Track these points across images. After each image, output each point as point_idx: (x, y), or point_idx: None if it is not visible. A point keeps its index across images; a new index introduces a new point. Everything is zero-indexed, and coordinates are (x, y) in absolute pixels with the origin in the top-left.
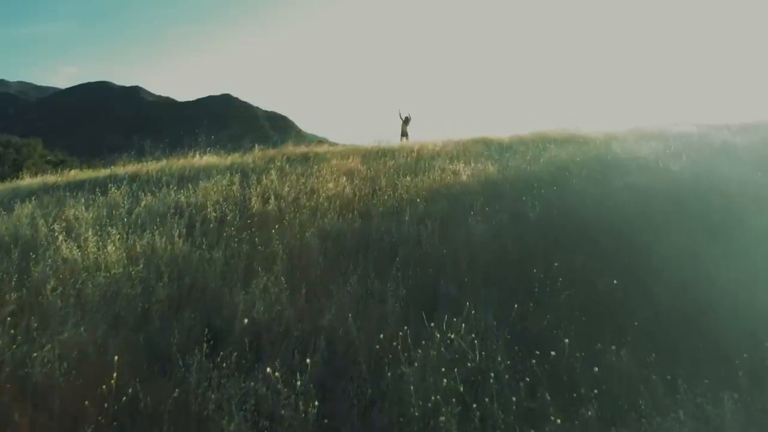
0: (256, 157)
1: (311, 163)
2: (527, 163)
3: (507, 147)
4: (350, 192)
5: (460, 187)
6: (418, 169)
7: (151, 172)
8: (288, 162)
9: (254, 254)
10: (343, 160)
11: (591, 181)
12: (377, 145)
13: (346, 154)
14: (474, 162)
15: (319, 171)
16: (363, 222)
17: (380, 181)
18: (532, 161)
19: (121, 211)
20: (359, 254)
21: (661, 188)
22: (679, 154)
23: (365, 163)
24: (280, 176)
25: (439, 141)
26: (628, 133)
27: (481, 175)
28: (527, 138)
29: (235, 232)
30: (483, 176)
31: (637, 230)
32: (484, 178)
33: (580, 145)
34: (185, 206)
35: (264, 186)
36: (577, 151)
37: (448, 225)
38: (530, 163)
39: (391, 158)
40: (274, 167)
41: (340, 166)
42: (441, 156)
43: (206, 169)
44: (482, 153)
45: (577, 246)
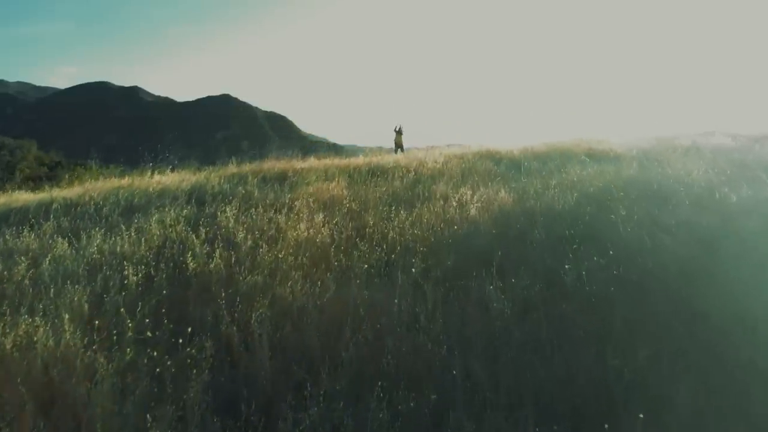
0: (226, 175)
1: (288, 185)
2: (551, 190)
3: (519, 163)
4: (327, 236)
5: (469, 226)
6: (415, 197)
7: (96, 199)
8: (261, 183)
9: (163, 363)
10: (326, 183)
11: (643, 225)
12: (369, 160)
13: (331, 173)
14: (483, 185)
15: (294, 199)
16: (338, 290)
17: (367, 216)
18: (558, 188)
19: (20, 267)
20: (325, 357)
21: (733, 235)
22: (735, 180)
23: (352, 186)
24: (244, 208)
25: (439, 155)
26: (658, 146)
27: (495, 207)
28: (540, 151)
29: (149, 320)
30: (497, 209)
31: (734, 312)
32: (499, 212)
33: (607, 163)
34: (104, 261)
35: (218, 225)
36: (608, 172)
37: (456, 295)
38: (554, 190)
39: (383, 179)
40: (239, 196)
41: (321, 193)
42: (443, 176)
43: (162, 193)
44: (491, 171)
45: (650, 340)
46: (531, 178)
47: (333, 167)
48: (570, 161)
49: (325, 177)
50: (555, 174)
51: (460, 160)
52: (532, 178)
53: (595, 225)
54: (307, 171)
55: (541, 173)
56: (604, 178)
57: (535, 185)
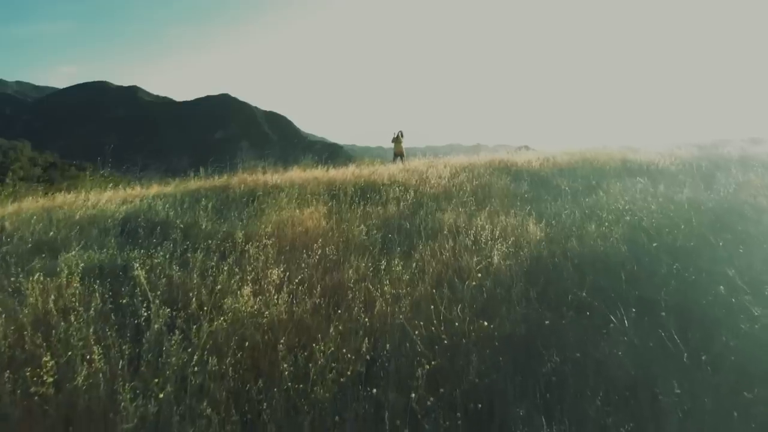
0: (185, 192)
1: (253, 210)
2: (596, 222)
3: (542, 179)
4: (282, 308)
5: (493, 285)
6: (415, 230)
7: (9, 229)
8: (221, 205)
9: None
10: (303, 209)
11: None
12: (361, 173)
13: (313, 191)
14: (502, 211)
15: (252, 235)
16: None
17: (347, 270)
18: (604, 218)
19: None
20: None
21: None
22: None
23: (333, 215)
24: (181, 250)
25: (444, 167)
26: (703, 156)
27: (524, 249)
28: (565, 162)
29: None
30: (528, 254)
31: None
32: (531, 259)
33: (652, 179)
34: None
35: (128, 282)
36: (664, 195)
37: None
38: (603, 225)
39: (375, 201)
40: (183, 227)
41: (291, 225)
42: (451, 197)
43: (93, 221)
44: (509, 190)
45: None
46: (562, 201)
47: (315, 183)
48: (605, 176)
49: (303, 199)
50: (591, 194)
51: (470, 175)
52: (564, 201)
53: (688, 293)
54: (283, 186)
55: (574, 193)
56: (664, 204)
57: (571, 213)
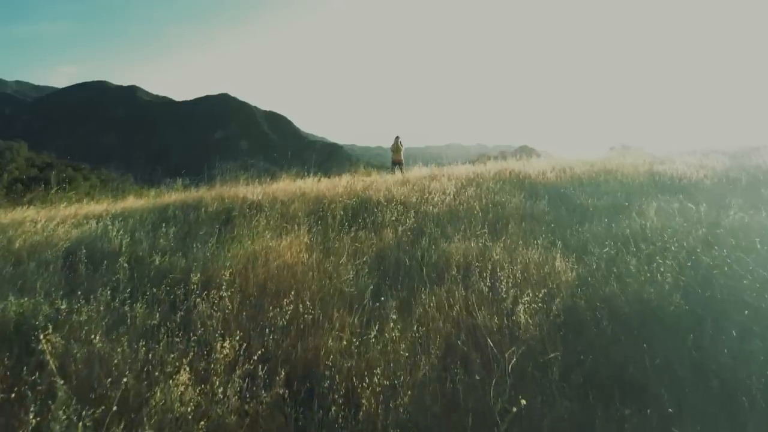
0: (147, 211)
1: (223, 239)
2: (631, 253)
3: (558, 194)
4: (231, 405)
5: (521, 359)
6: (416, 268)
7: None
8: (188, 228)
9: None
10: (282, 236)
11: None
12: (355, 187)
13: (296, 212)
14: (521, 240)
15: (211, 278)
16: None
17: (327, 333)
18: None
19: None
20: None
21: None
22: None
23: (318, 245)
24: (119, 301)
25: (448, 180)
26: (739, 168)
27: (555, 299)
28: (583, 174)
29: None
30: (559, 306)
31: None
32: (562, 308)
33: (689, 197)
34: None
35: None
36: (708, 219)
37: None
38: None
39: (370, 224)
40: (130, 263)
41: (266, 258)
42: (458, 219)
43: (34, 250)
44: (523, 209)
45: None
46: (589, 224)
47: (301, 200)
48: (633, 192)
49: (284, 221)
50: (622, 216)
51: (478, 190)
52: (591, 224)
53: None
54: (264, 206)
55: (601, 214)
56: (713, 231)
57: (604, 243)
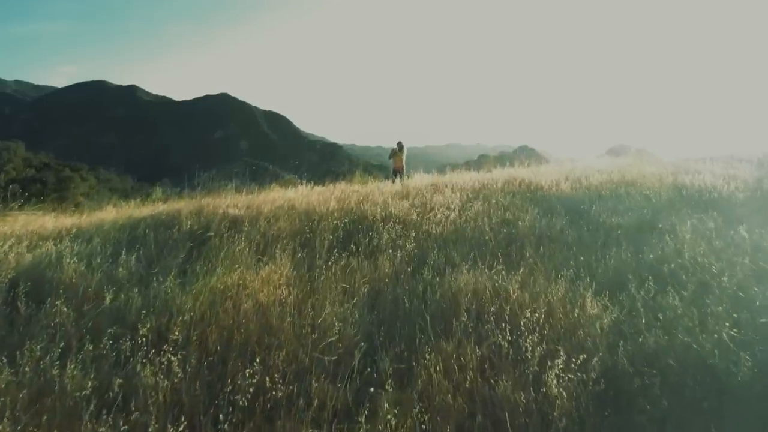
0: (117, 228)
1: (194, 269)
2: (671, 290)
3: (575, 209)
4: None
5: None
6: (416, 311)
7: None
8: (155, 255)
9: None
10: (262, 265)
11: None
12: (349, 201)
13: (281, 232)
14: (541, 271)
15: (179, 315)
16: None
17: (301, 411)
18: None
19: None
20: None
21: None
22: None
23: (301, 279)
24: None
25: (452, 192)
26: None
27: (591, 359)
28: (597, 184)
29: None
30: (597, 368)
31: None
32: (600, 371)
33: (718, 213)
34: None
35: None
36: (752, 244)
37: None
38: (670, 286)
39: (365, 248)
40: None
41: (238, 297)
42: (464, 240)
43: None
44: (538, 228)
45: None
46: (617, 249)
47: (288, 216)
48: (660, 208)
49: (267, 243)
50: (651, 237)
51: (487, 205)
52: (618, 248)
53: None
54: (245, 223)
55: (628, 235)
56: (761, 260)
57: (637, 274)
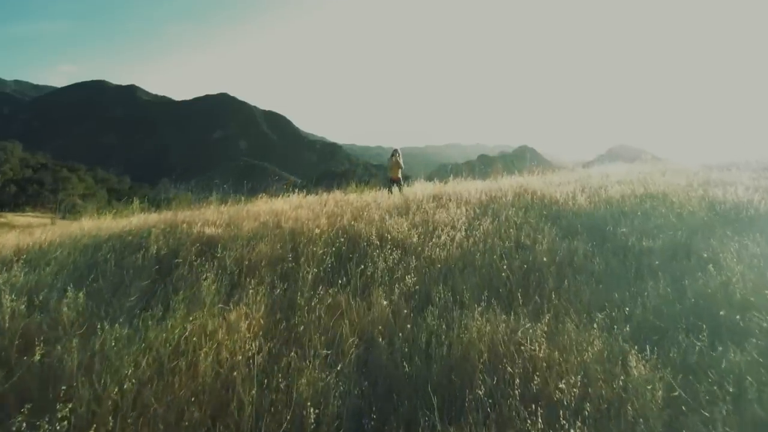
0: (77, 251)
1: (152, 312)
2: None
3: (597, 228)
4: None
5: None
6: (418, 372)
7: None
8: (111, 288)
9: None
10: (230, 311)
11: None
12: (341, 216)
13: (260, 257)
14: (565, 310)
15: (112, 387)
16: None
17: None
18: None
19: None
20: None
21: None
22: None
23: (276, 327)
24: None
25: (457, 207)
26: None
27: None
28: (618, 197)
29: None
30: None
31: None
32: None
33: (760, 234)
34: None
35: None
36: None
37: None
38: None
39: (357, 278)
40: None
41: (195, 357)
42: (474, 269)
43: None
44: (558, 253)
45: None
46: (653, 282)
47: (271, 236)
48: (694, 227)
49: (241, 276)
50: (688, 264)
51: (497, 222)
52: (656, 282)
53: None
54: (222, 245)
55: (662, 260)
56: None
57: (683, 318)
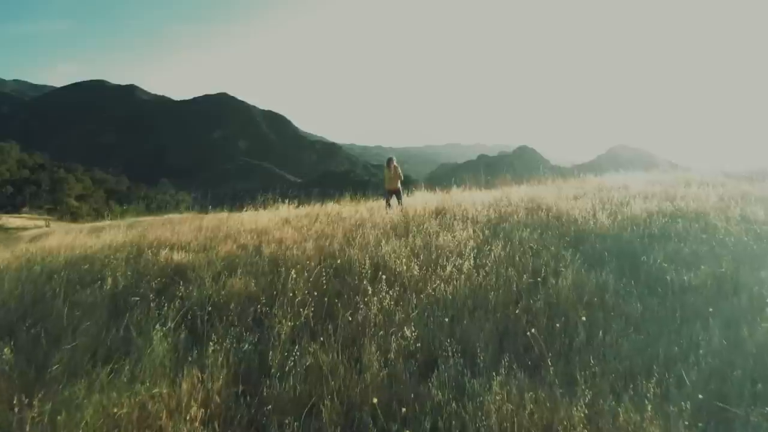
0: (20, 284)
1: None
2: None
3: (624, 254)
4: None
5: None
6: None
7: None
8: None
9: None
10: (179, 381)
11: None
12: (330, 240)
13: (231, 296)
14: (605, 379)
15: None
16: None
17: None
18: None
19: None
20: None
21: None
22: None
23: (238, 403)
24: None
25: (463, 228)
26: None
27: None
28: (643, 215)
29: None
30: None
31: None
32: None
33: None
34: None
35: None
36: None
37: None
38: None
39: (345, 324)
40: None
41: None
42: (486, 311)
43: None
44: (585, 288)
45: None
46: (703, 330)
47: (249, 264)
48: (737, 255)
49: (204, 323)
50: (743, 302)
51: (508, 245)
52: (706, 330)
53: None
54: (194, 274)
55: (710, 305)
56: None
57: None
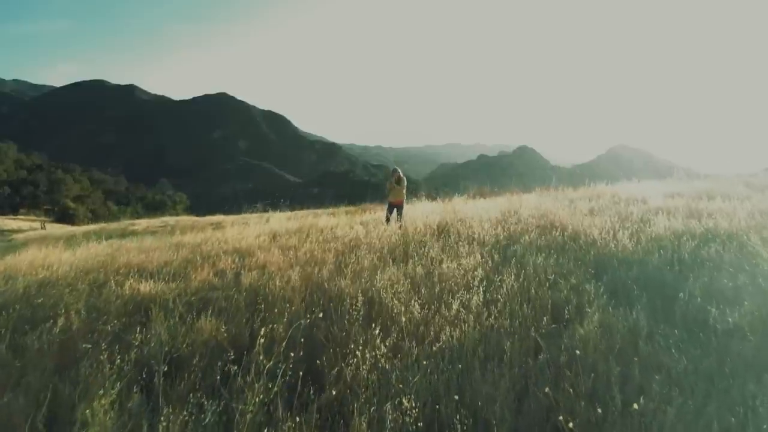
0: None
1: None
2: None
3: (653, 284)
4: None
5: None
6: None
7: None
8: None
9: None
10: None
11: None
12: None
13: (198, 345)
14: None
15: None
16: None
17: None
18: None
19: None
20: None
21: None
22: None
23: None
24: None
25: (470, 244)
26: None
27: None
28: (668, 236)
29: None
30: None
31: None
32: None
33: None
34: None
35: None
36: None
37: None
38: None
39: (327, 394)
40: None
41: None
42: (499, 364)
43: None
44: (613, 332)
45: None
46: (759, 393)
47: (218, 301)
48: None
49: (158, 386)
50: None
51: (522, 277)
52: (760, 388)
53: None
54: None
55: (762, 354)
56: None
57: None
